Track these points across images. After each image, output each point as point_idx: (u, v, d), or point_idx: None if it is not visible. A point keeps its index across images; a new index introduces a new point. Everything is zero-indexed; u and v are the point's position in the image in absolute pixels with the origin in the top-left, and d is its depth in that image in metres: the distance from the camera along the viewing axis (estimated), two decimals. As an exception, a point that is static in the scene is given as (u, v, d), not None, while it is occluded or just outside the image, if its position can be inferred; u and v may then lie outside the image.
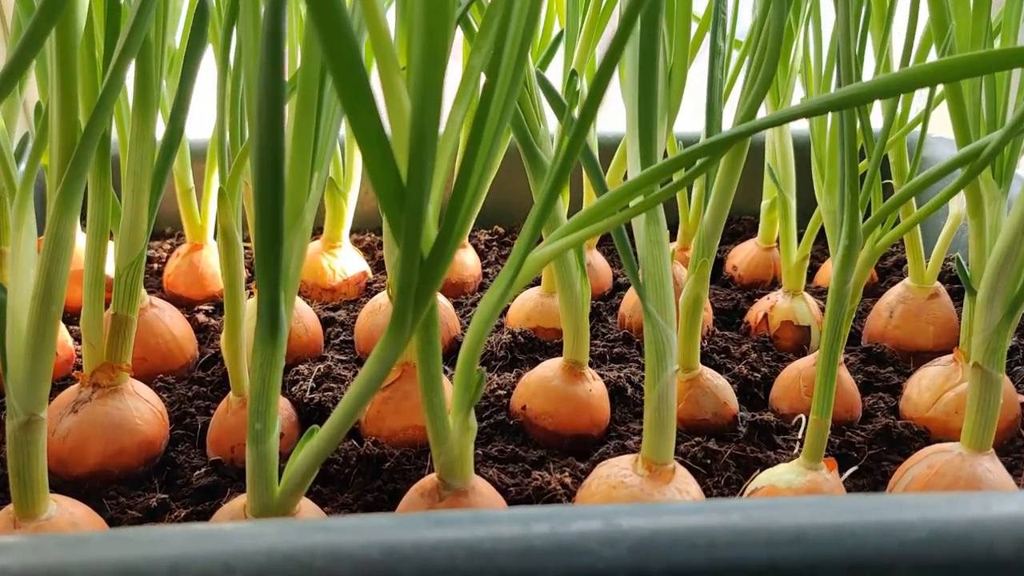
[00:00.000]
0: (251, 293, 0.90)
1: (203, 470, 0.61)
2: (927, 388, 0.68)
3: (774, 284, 0.94)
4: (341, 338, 0.81)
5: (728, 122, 0.64)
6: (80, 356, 0.75)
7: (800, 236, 0.81)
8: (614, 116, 1.05)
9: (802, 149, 0.83)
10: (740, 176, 0.62)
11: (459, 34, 0.65)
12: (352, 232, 0.97)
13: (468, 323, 0.83)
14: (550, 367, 0.66)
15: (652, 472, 0.53)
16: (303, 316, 0.77)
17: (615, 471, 0.54)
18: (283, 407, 0.65)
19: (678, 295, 0.62)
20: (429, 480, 0.53)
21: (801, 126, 0.94)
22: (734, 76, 0.85)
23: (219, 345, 0.79)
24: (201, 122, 0.89)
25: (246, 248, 0.93)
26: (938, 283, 0.79)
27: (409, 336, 0.45)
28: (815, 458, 0.56)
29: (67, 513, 0.50)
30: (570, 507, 0.48)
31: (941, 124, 0.71)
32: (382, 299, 0.78)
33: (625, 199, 0.50)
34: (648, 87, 0.58)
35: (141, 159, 0.59)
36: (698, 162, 0.52)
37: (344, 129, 0.90)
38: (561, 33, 0.83)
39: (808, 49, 0.78)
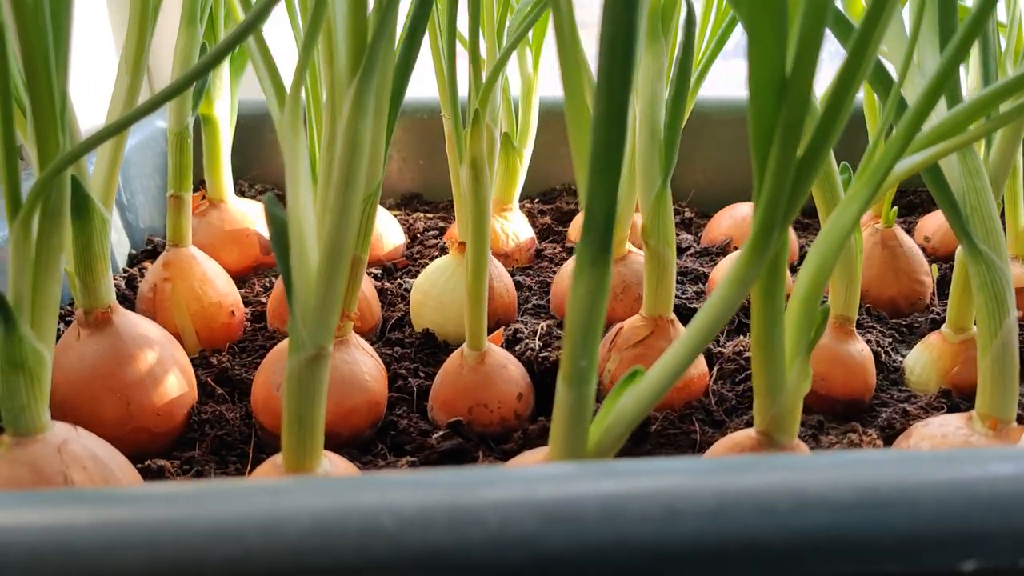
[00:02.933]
0: (441, 251, 0.84)
1: (441, 434, 0.54)
2: None
3: (972, 255, 0.87)
4: (532, 302, 0.74)
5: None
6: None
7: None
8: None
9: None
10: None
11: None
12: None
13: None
14: (814, 324, 0.59)
15: (997, 431, 0.46)
16: (503, 275, 0.70)
17: (949, 429, 0.47)
18: (515, 365, 0.58)
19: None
20: (746, 436, 0.45)
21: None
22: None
23: (401, 308, 0.72)
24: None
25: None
26: None
27: (773, 250, 0.39)
28: None
29: (341, 469, 0.43)
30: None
31: None
32: (585, 258, 0.71)
33: (976, 116, 0.44)
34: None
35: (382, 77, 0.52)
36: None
37: (521, 80, 0.83)
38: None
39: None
